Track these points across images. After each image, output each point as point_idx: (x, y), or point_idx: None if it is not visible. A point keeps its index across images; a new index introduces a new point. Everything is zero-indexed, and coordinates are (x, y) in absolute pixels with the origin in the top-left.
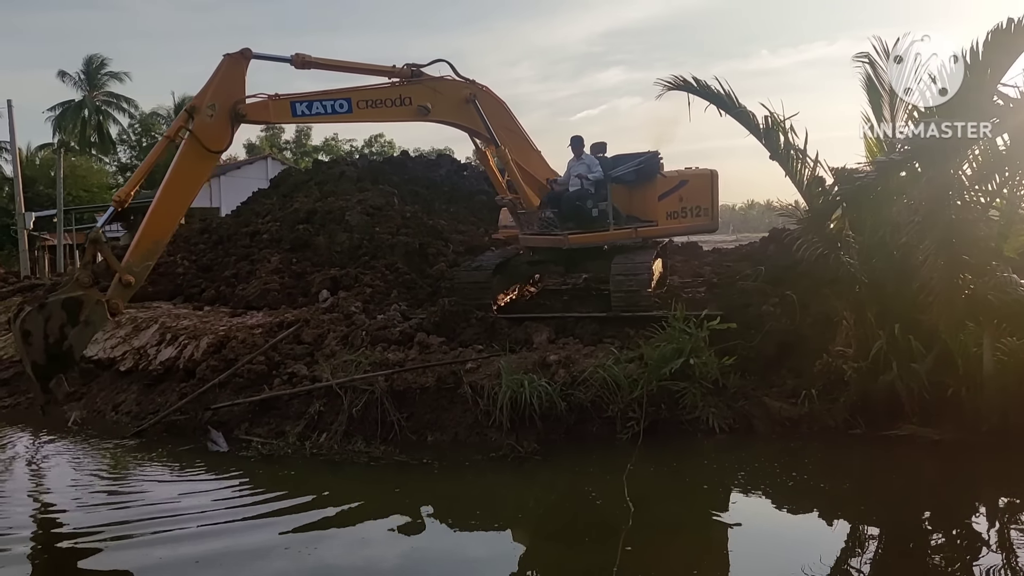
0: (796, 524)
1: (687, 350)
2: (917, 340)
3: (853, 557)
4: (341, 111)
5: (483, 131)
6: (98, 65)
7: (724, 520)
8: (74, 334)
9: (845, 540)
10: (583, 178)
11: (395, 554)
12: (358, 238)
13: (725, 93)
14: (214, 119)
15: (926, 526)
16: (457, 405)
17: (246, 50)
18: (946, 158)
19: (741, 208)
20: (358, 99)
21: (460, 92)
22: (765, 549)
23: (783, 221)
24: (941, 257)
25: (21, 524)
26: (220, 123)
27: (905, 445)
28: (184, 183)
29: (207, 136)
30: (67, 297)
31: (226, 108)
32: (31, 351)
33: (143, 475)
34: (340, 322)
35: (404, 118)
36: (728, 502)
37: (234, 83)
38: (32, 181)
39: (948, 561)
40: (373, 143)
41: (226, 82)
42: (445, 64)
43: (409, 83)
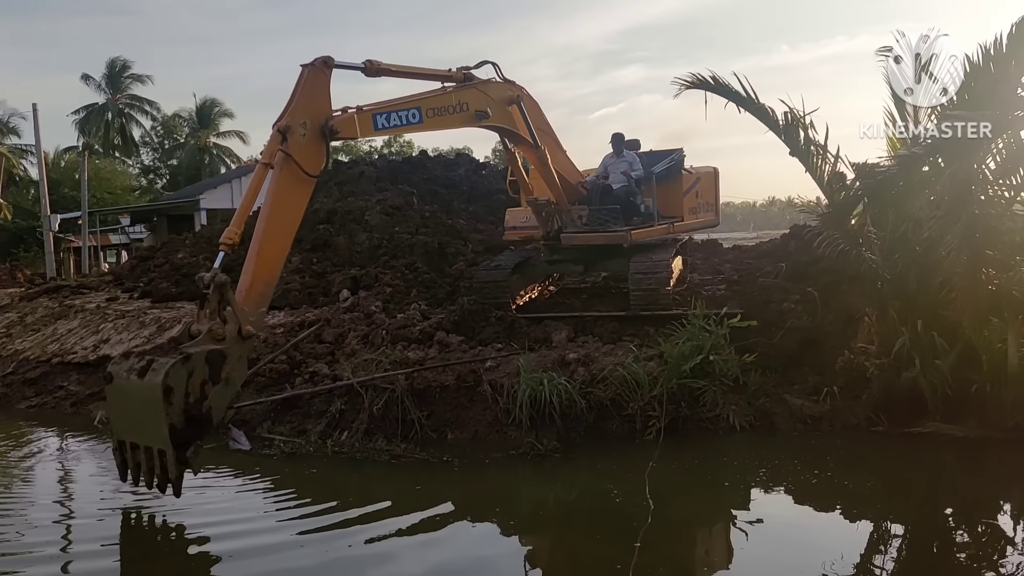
0: (818, 521)
1: (707, 347)
2: (940, 336)
3: (876, 555)
4: (413, 121)
5: (525, 134)
6: (120, 68)
7: (745, 517)
8: (215, 394)
9: (868, 538)
10: (628, 175)
11: (416, 552)
12: (378, 238)
13: (744, 90)
14: (307, 138)
15: (950, 524)
16: (477, 403)
17: (327, 59)
18: (969, 152)
19: (762, 205)
20: (427, 107)
21: (505, 94)
22: (785, 546)
23: (804, 218)
24: (964, 252)
25: (48, 523)
26: (313, 142)
27: (928, 442)
28: (286, 213)
29: (304, 158)
30: (212, 350)
31: (316, 125)
32: (171, 411)
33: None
34: (360, 321)
35: (464, 124)
36: (749, 499)
37: (321, 97)
38: (57, 184)
39: (973, 559)
40: (392, 143)
41: (313, 96)
42: (490, 67)
43: (462, 88)
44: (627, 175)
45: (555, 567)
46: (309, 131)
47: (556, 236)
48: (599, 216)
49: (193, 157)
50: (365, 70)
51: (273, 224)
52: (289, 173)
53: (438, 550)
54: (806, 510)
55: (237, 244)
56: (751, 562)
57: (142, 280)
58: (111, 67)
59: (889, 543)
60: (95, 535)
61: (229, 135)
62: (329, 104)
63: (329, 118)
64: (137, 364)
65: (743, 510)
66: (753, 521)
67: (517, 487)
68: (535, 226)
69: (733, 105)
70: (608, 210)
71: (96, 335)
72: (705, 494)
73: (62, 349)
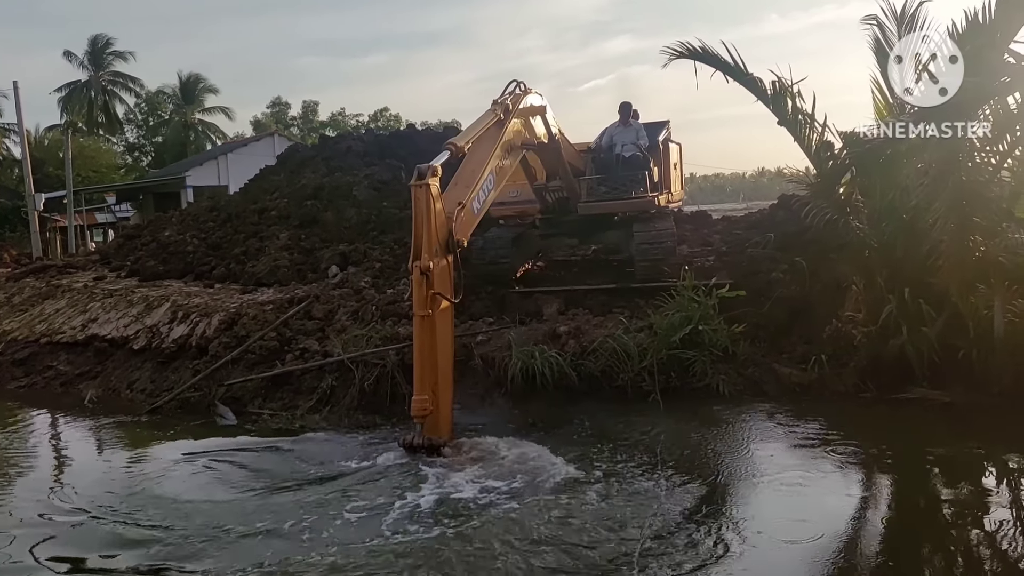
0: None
1: (696, 318)
2: (927, 304)
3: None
4: (491, 187)
5: (545, 137)
6: (103, 45)
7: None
8: None
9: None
10: (638, 146)
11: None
12: (366, 213)
13: (732, 60)
14: (441, 264)
15: (936, 483)
16: (468, 377)
17: (433, 172)
18: (957, 119)
19: (752, 176)
20: (495, 175)
21: (530, 110)
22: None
23: (792, 188)
24: (951, 220)
25: (50, 499)
26: (446, 267)
27: (916, 407)
28: (449, 348)
29: (445, 284)
30: None
31: (443, 243)
32: None
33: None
34: (350, 297)
35: (517, 159)
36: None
37: (440, 215)
38: (41, 163)
39: (957, 516)
40: (379, 117)
41: (435, 222)
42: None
43: (506, 124)
44: (638, 144)
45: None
46: (441, 257)
47: (555, 210)
48: (621, 183)
49: (178, 134)
50: (452, 156)
51: (446, 370)
52: (443, 310)
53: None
54: (803, 469)
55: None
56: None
57: (129, 259)
58: (93, 44)
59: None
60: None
61: (214, 111)
62: (445, 215)
63: (452, 232)
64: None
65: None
66: (752, 477)
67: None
68: (527, 201)
69: (722, 76)
70: (632, 176)
71: (84, 315)
72: (710, 453)
73: (50, 329)
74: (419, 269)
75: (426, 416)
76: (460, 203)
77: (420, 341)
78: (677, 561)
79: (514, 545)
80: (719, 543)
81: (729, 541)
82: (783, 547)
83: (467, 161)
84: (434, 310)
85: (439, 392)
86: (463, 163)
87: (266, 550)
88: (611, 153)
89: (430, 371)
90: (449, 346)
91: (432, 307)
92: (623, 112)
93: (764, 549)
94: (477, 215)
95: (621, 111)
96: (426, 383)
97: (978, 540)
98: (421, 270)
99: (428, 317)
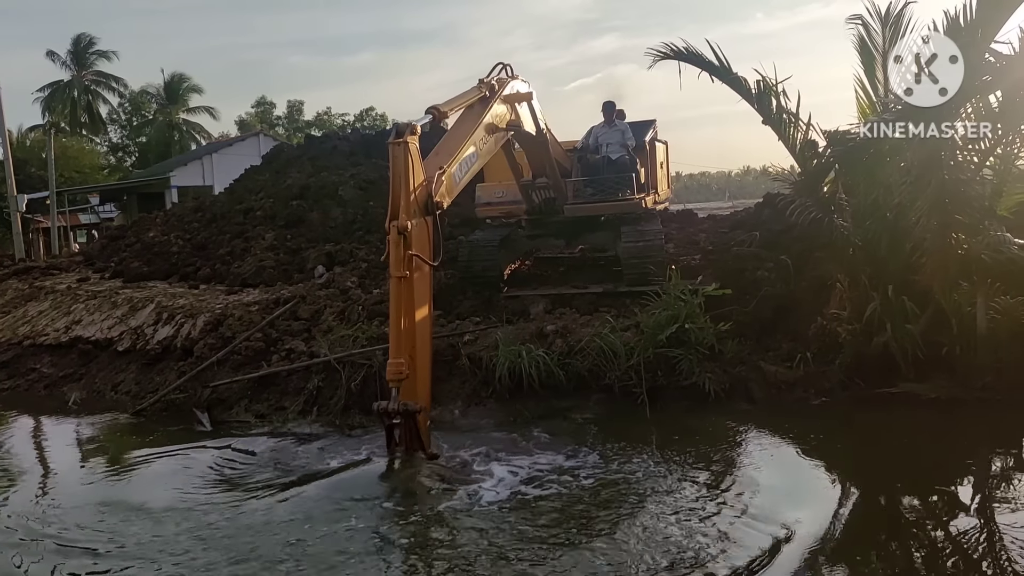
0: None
1: (683, 316)
2: (911, 301)
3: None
4: (473, 162)
5: (532, 128)
6: (86, 44)
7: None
8: None
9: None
10: (625, 147)
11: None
12: (352, 213)
13: (717, 59)
14: (419, 226)
15: (919, 475)
16: (455, 377)
17: (413, 128)
18: (938, 118)
19: (737, 174)
20: (478, 148)
21: (516, 95)
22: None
23: (777, 186)
24: (934, 217)
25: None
26: (424, 227)
27: (900, 403)
28: (426, 313)
29: (424, 247)
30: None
31: (421, 203)
32: None
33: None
34: (336, 297)
35: (501, 142)
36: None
37: (418, 173)
38: (23, 163)
39: (941, 504)
40: (365, 117)
41: (414, 181)
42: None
43: (490, 103)
44: (624, 145)
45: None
46: (418, 213)
47: (542, 211)
48: (607, 185)
49: (162, 134)
50: (434, 120)
51: (423, 335)
52: (421, 273)
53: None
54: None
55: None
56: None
57: (113, 260)
58: (76, 43)
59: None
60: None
61: (199, 111)
62: (424, 174)
63: (431, 194)
64: None
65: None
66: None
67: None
68: (513, 201)
69: (707, 75)
70: (619, 178)
71: (68, 316)
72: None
73: (34, 331)
74: (396, 229)
75: (402, 380)
76: (441, 167)
77: (396, 303)
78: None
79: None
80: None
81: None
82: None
83: (449, 135)
84: (412, 272)
85: (416, 358)
86: (445, 136)
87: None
88: (597, 154)
89: (407, 335)
90: (427, 311)
91: (409, 268)
92: (607, 112)
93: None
94: (458, 183)
95: (605, 111)
96: (402, 347)
97: (958, 536)
98: (399, 230)
99: (405, 279)
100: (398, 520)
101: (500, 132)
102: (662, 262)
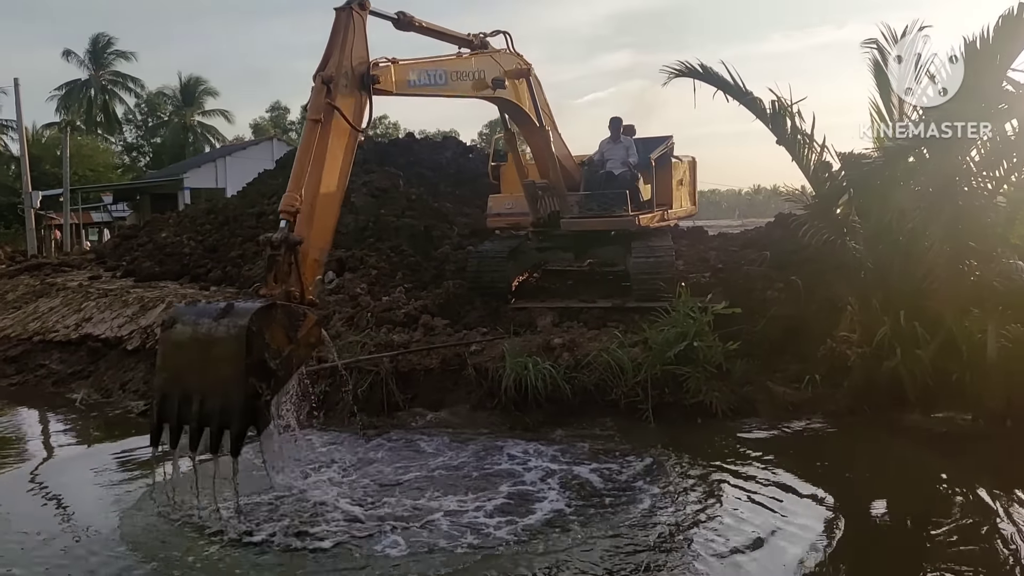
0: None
1: (691, 334)
2: (922, 326)
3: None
4: (440, 83)
5: (530, 111)
6: (104, 44)
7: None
8: (286, 356)
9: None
10: (628, 164)
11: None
12: (363, 220)
13: (732, 78)
14: (349, 88)
15: (927, 504)
16: (461, 387)
17: (363, 1)
18: (954, 144)
19: (747, 193)
20: (452, 70)
21: (514, 67)
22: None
23: (789, 206)
24: (947, 243)
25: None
26: (355, 92)
27: (907, 430)
28: (336, 170)
29: (349, 109)
30: (294, 306)
31: (359, 75)
32: (250, 359)
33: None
34: (345, 303)
35: (479, 91)
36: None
37: (360, 43)
38: (38, 160)
39: (950, 534)
40: (377, 125)
41: (353, 43)
42: (503, 36)
43: (478, 54)
44: (627, 163)
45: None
46: (351, 82)
47: (548, 222)
48: (604, 201)
49: (177, 135)
50: (397, 21)
51: (326, 187)
52: (338, 127)
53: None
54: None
55: (298, 211)
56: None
57: (125, 259)
58: (95, 43)
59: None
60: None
61: (213, 114)
62: (367, 51)
63: (369, 66)
64: (212, 307)
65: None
66: (740, 486)
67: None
68: (522, 212)
69: (721, 93)
70: (614, 194)
71: (78, 313)
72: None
73: (44, 327)
74: (321, 78)
75: (293, 214)
76: (394, 59)
77: (306, 146)
78: None
79: None
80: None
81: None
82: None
83: (426, 59)
84: (329, 121)
85: (317, 207)
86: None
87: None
88: (602, 169)
89: (313, 176)
90: (337, 171)
91: (328, 118)
92: (613, 128)
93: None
94: (410, 86)
95: (611, 127)
96: (300, 182)
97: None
98: (323, 79)
99: (322, 126)
100: None
101: (481, 81)
102: (672, 279)
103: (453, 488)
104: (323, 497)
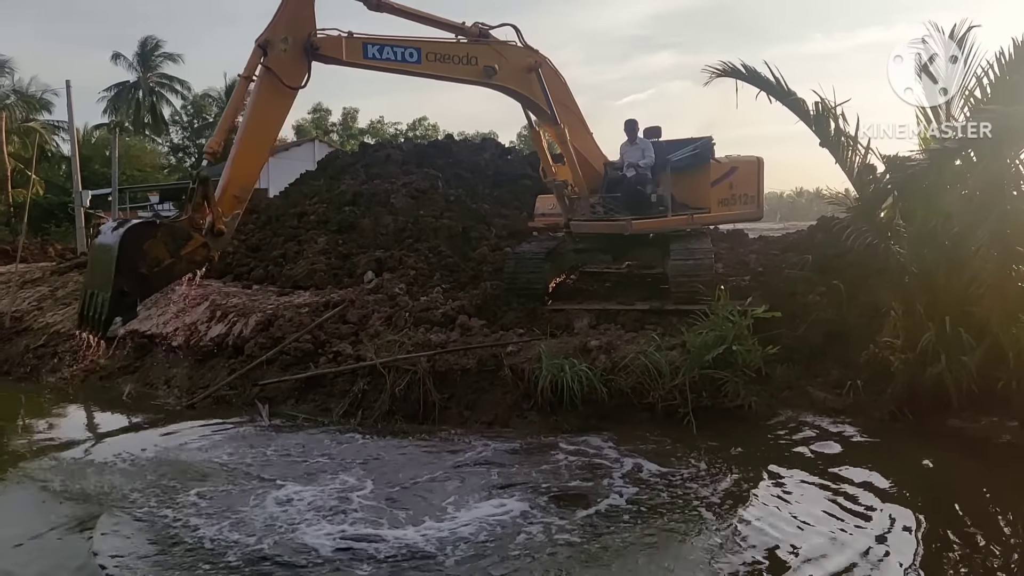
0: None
1: (730, 338)
2: (967, 332)
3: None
4: (411, 60)
5: (543, 104)
6: (152, 47)
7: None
8: (165, 267)
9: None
10: (635, 165)
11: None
12: (403, 221)
13: (775, 79)
14: (288, 53)
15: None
16: (497, 387)
17: None
18: (1002, 147)
19: (789, 196)
20: (428, 51)
21: (524, 59)
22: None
23: (832, 209)
24: (994, 248)
25: None
26: (295, 57)
27: (952, 438)
28: (264, 123)
29: (284, 71)
30: (181, 226)
31: (299, 41)
32: (122, 263)
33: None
34: (384, 303)
35: (468, 76)
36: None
37: (304, 13)
38: (88, 160)
39: (992, 545)
40: (417, 126)
41: (296, 12)
42: (511, 29)
43: (476, 42)
44: (634, 165)
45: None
46: (291, 47)
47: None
48: (607, 204)
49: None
50: (368, 1)
51: (251, 135)
52: (269, 86)
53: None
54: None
55: (219, 153)
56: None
57: None
58: (143, 46)
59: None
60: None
61: None
62: (313, 21)
63: (312, 35)
64: (116, 223)
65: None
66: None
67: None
68: (559, 213)
69: (763, 94)
70: (613, 198)
71: None
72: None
73: None
74: (257, 42)
75: (212, 155)
76: (351, 32)
77: (236, 98)
78: None
79: None
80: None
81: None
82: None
83: (396, 36)
84: (262, 80)
85: (239, 151)
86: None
87: None
88: (619, 171)
89: (242, 125)
90: (263, 121)
91: (260, 77)
92: (628, 130)
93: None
94: (368, 58)
95: (626, 129)
96: (224, 128)
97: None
98: (259, 43)
99: (255, 83)
100: None
101: (472, 67)
102: (711, 281)
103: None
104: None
